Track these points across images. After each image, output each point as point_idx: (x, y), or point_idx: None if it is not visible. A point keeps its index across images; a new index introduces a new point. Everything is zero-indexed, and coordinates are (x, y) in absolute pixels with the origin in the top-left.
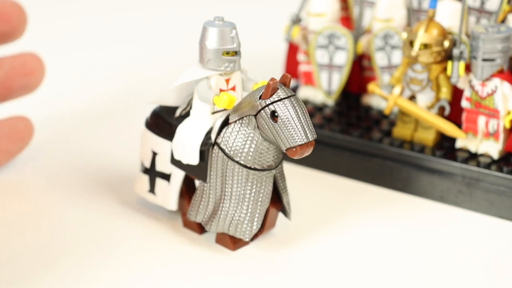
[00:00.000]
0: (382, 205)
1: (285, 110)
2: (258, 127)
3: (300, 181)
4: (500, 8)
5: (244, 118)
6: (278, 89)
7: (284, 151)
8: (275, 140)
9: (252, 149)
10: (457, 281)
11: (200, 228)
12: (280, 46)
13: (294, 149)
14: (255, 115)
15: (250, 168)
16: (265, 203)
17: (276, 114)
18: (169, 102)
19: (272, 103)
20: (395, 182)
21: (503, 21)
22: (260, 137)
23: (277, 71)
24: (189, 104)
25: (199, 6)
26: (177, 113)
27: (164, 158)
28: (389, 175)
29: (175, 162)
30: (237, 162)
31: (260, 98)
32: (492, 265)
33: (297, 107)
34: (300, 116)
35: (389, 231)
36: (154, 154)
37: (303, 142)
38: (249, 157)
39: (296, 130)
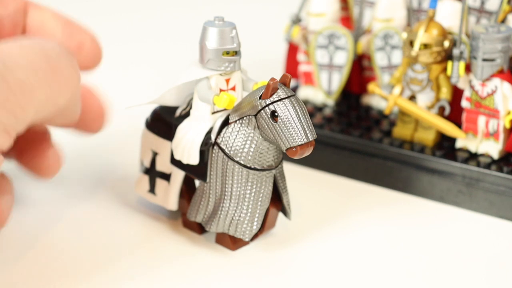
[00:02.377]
0: (382, 205)
1: (285, 110)
2: (258, 127)
3: (300, 181)
4: (500, 8)
5: (244, 118)
6: (278, 89)
7: (284, 151)
8: (275, 140)
9: (252, 149)
10: (457, 281)
11: (200, 228)
12: (280, 46)
13: (294, 149)
14: (255, 115)
15: (250, 168)
16: (265, 203)
17: (276, 114)
18: (169, 102)
19: (272, 103)
20: (395, 182)
21: (503, 21)
22: (260, 137)
23: (277, 71)
24: (189, 104)
25: (199, 6)
26: (177, 113)
27: (164, 158)
28: (389, 175)
29: (175, 162)
30: (237, 162)
31: (260, 98)
32: (492, 265)
33: (297, 107)
34: (300, 116)
35: (389, 231)
36: (154, 154)
37: (303, 142)
38: (249, 157)
39: (296, 130)
